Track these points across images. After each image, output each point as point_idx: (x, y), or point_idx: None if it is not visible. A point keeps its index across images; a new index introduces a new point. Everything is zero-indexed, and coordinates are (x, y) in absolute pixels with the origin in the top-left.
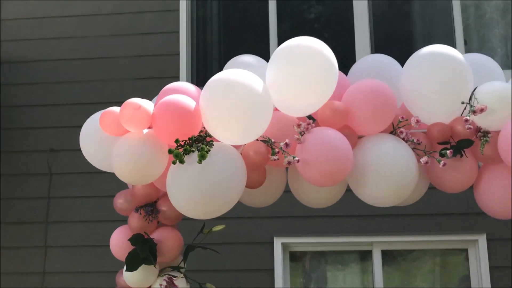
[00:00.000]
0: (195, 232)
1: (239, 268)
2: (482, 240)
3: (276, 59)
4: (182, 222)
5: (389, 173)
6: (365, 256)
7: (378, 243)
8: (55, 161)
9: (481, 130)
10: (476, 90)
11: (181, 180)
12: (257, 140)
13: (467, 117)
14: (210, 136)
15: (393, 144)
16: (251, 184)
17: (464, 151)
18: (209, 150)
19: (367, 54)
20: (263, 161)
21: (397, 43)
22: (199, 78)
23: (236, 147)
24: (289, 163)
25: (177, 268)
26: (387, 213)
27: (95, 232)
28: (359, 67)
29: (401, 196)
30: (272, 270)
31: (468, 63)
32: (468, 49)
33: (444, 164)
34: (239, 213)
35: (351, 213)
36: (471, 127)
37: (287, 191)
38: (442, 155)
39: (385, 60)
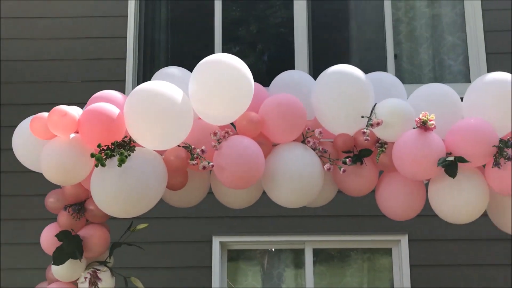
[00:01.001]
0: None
1: (178, 265)
2: (404, 240)
3: (197, 72)
4: (116, 221)
5: (296, 178)
6: (298, 254)
7: (310, 242)
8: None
9: (379, 141)
10: (376, 105)
11: (103, 182)
12: (178, 146)
13: (365, 130)
14: (134, 141)
15: (301, 152)
16: (174, 186)
17: (363, 160)
18: (129, 155)
19: (305, 65)
20: (183, 165)
21: (334, 55)
22: (146, 81)
23: (161, 152)
24: (204, 167)
25: (103, 263)
26: (319, 214)
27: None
28: (279, 81)
29: (307, 198)
30: (210, 267)
31: (370, 81)
32: (397, 63)
33: (344, 171)
34: (180, 213)
35: (285, 213)
36: (369, 138)
37: None
38: (344, 162)
39: (302, 76)
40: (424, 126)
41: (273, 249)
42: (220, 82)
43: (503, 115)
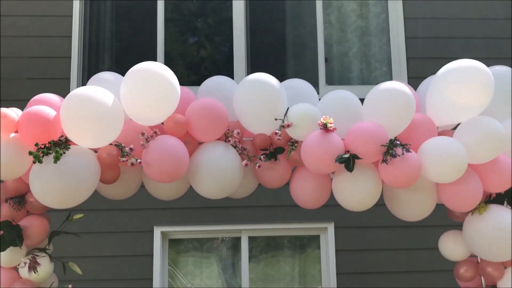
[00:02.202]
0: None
1: (121, 254)
2: (330, 227)
3: (128, 79)
4: (58, 212)
5: (217, 172)
6: (235, 242)
7: (245, 231)
8: None
9: (291, 140)
10: (288, 109)
11: (40, 177)
12: (110, 144)
13: (277, 131)
14: (70, 140)
15: (222, 149)
16: (107, 180)
17: (278, 156)
18: (64, 153)
19: (243, 67)
20: (114, 162)
21: (270, 58)
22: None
23: (95, 149)
24: (132, 164)
25: (42, 250)
26: (254, 204)
27: None
28: (206, 85)
29: (227, 190)
30: (151, 256)
31: (283, 88)
32: (328, 66)
33: (259, 166)
34: (124, 205)
35: (223, 205)
36: (281, 138)
37: None
38: (260, 159)
39: (227, 82)
40: (325, 128)
41: (222, 238)
42: (148, 88)
43: (394, 119)
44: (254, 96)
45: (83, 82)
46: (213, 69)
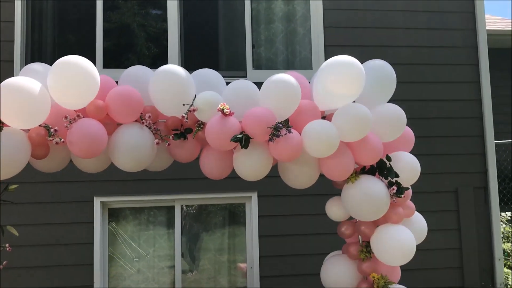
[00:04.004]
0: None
1: (63, 222)
2: (254, 196)
3: (54, 70)
4: None
5: (132, 149)
6: (169, 210)
7: (178, 200)
8: None
9: (198, 122)
10: (196, 96)
11: None
12: (39, 125)
13: (184, 114)
14: (3, 122)
15: (137, 130)
16: (38, 156)
17: (186, 136)
18: None
19: (177, 54)
20: (43, 141)
21: (202, 43)
22: (33, 61)
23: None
24: (57, 142)
25: None
26: (186, 177)
27: None
28: (126, 74)
29: (142, 164)
30: (92, 223)
31: (191, 77)
32: (257, 51)
33: (169, 144)
34: (65, 178)
35: (157, 177)
36: (188, 121)
37: None
38: (173, 138)
39: (145, 71)
40: (223, 112)
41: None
42: (71, 78)
43: (282, 105)
44: (165, 85)
45: (26, 63)
46: (149, 54)
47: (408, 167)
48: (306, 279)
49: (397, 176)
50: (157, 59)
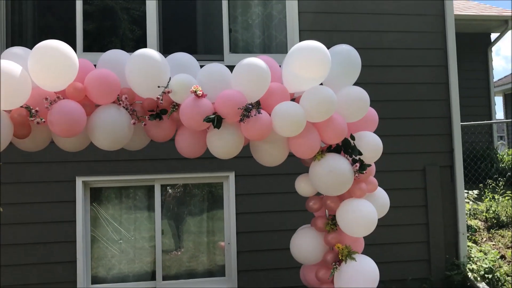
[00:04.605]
0: None
1: (48, 201)
2: (232, 176)
3: (34, 53)
4: None
5: (109, 129)
6: (150, 189)
7: (158, 179)
8: None
9: (173, 103)
10: (171, 78)
11: None
12: (21, 107)
13: (159, 96)
14: None
15: (114, 110)
16: (20, 136)
17: (162, 116)
18: None
19: (155, 37)
20: (24, 121)
21: (181, 28)
22: (14, 44)
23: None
24: (38, 122)
25: None
26: (166, 157)
27: None
28: (104, 58)
29: (119, 143)
30: (74, 202)
31: (166, 61)
32: (234, 35)
33: (145, 124)
34: (48, 158)
35: (138, 157)
36: (162, 102)
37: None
38: (148, 118)
39: (121, 55)
40: (196, 94)
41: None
42: (50, 61)
43: (252, 87)
44: (141, 68)
45: (7, 46)
46: (129, 38)
47: (371, 145)
48: (280, 253)
49: (360, 154)
50: (137, 43)
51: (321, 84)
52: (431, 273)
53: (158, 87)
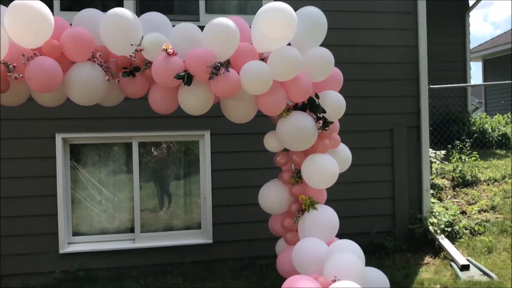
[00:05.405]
0: None
1: (28, 156)
2: (207, 134)
3: (10, 11)
4: None
5: (84, 84)
6: (128, 147)
7: (136, 137)
8: None
9: (146, 61)
10: (143, 37)
11: None
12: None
13: (131, 54)
14: None
15: (89, 67)
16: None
17: (135, 74)
18: None
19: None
20: (3, 76)
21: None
22: None
23: None
24: (15, 77)
25: None
26: (144, 115)
27: None
28: (79, 17)
29: (94, 99)
30: (54, 158)
31: (139, 20)
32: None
33: (119, 81)
34: (28, 115)
35: (116, 115)
36: (135, 60)
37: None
38: (122, 75)
39: (95, 14)
40: (166, 52)
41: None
42: (26, 19)
43: (221, 46)
44: (114, 26)
45: None
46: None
47: (334, 104)
48: (253, 207)
49: (324, 111)
50: (118, 2)
51: (289, 44)
52: (395, 227)
53: (131, 45)
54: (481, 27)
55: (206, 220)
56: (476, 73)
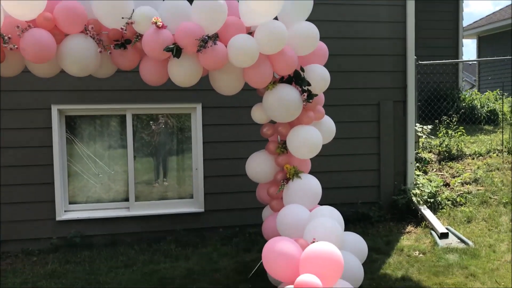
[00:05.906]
0: None
1: (26, 127)
2: (199, 107)
3: None
4: None
5: (77, 56)
6: (122, 118)
7: (129, 109)
8: None
9: (137, 34)
10: (134, 10)
11: None
12: None
13: (122, 27)
14: None
15: (82, 39)
16: None
17: (126, 46)
18: None
19: None
20: None
21: None
22: None
23: None
24: (11, 48)
25: None
26: (137, 88)
27: None
28: None
29: (87, 70)
30: (50, 128)
31: None
32: None
33: (110, 53)
34: (25, 87)
35: (111, 87)
36: (126, 32)
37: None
38: (114, 47)
39: None
40: (156, 25)
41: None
42: None
43: (209, 20)
44: (105, 0)
45: None
46: None
47: (319, 77)
48: (242, 178)
49: (309, 84)
50: None
51: (276, 19)
52: (380, 198)
53: (122, 18)
54: (481, 4)
55: (198, 190)
56: (472, 50)
